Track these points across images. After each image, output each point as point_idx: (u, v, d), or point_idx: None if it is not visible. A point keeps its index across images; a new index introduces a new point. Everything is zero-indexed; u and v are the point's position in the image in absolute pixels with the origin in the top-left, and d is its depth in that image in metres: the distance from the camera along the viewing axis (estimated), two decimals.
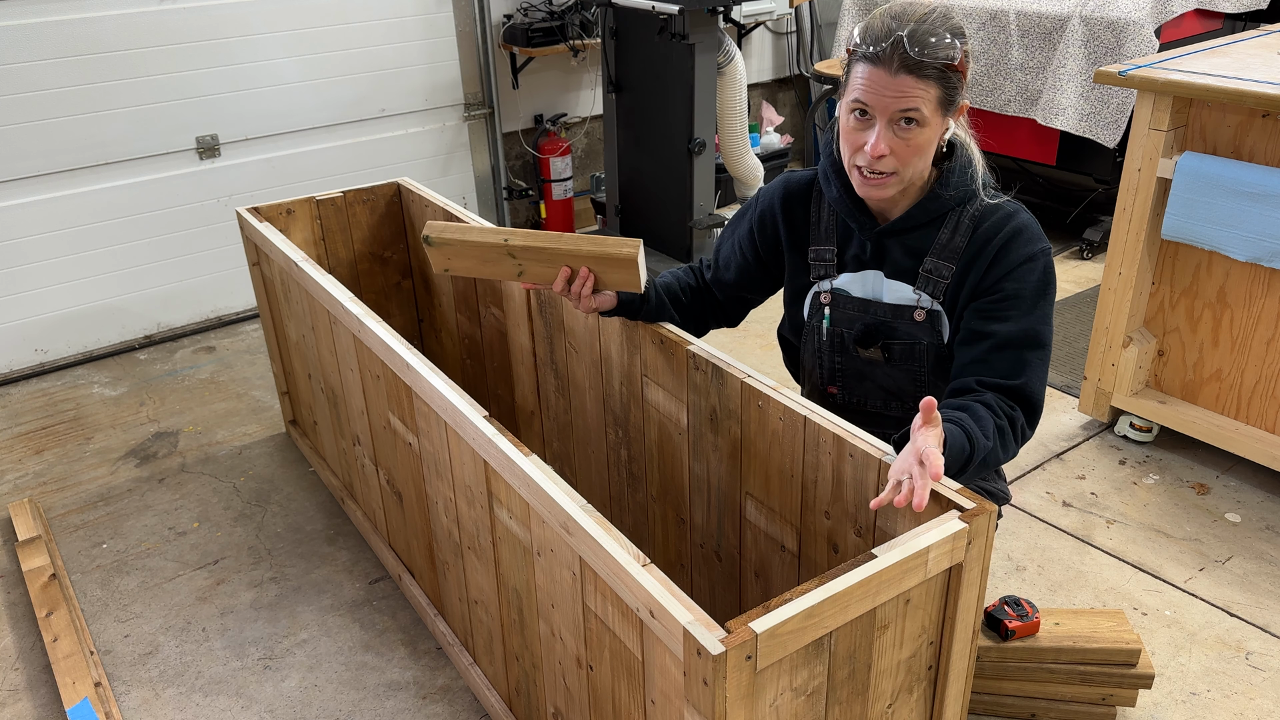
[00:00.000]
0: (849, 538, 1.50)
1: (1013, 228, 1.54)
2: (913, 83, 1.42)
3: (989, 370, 1.51)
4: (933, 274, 1.58)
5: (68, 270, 3.40)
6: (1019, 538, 2.41)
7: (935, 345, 1.62)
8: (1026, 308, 1.52)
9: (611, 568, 1.26)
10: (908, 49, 1.41)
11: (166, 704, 2.02)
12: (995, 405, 1.47)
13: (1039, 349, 1.52)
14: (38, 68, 3.15)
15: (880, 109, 1.45)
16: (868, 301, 1.65)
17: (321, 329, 2.29)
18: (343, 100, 3.77)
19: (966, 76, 1.48)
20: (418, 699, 2.01)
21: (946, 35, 1.42)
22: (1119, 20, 3.43)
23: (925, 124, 1.45)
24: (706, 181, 3.88)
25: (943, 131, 1.49)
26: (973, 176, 1.57)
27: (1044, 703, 1.87)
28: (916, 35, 1.41)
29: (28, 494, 2.72)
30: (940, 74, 1.43)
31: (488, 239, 1.69)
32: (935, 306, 1.60)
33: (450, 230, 1.71)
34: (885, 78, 1.43)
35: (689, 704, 1.16)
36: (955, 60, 1.43)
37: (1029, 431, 1.52)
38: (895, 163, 1.48)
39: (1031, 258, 1.53)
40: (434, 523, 1.95)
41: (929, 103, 1.44)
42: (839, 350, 1.70)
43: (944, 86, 1.44)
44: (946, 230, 1.57)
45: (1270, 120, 2.31)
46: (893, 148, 1.47)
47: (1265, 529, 2.42)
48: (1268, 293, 2.42)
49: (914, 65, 1.42)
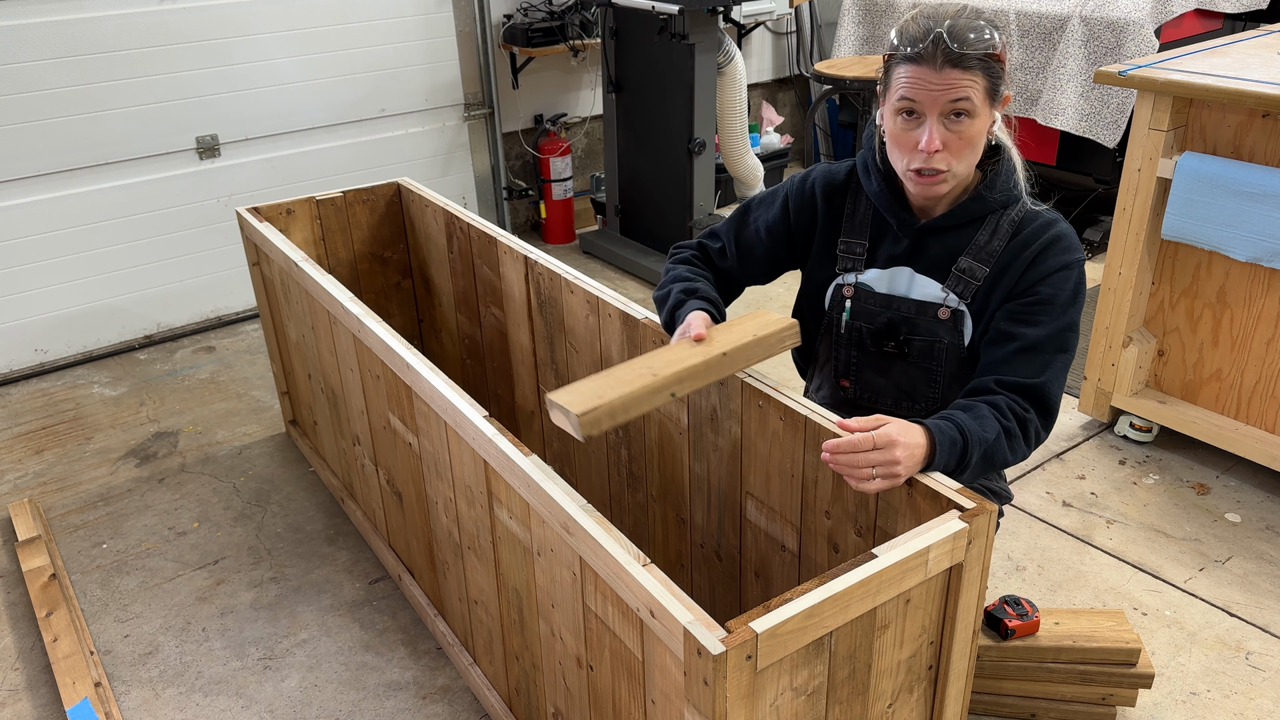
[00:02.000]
0: (849, 537, 1.50)
1: (1052, 235, 1.55)
2: (959, 75, 1.44)
3: (1011, 371, 1.51)
4: (965, 274, 1.58)
5: (68, 270, 3.40)
6: (1019, 538, 2.41)
7: (955, 345, 1.62)
8: (1057, 314, 1.53)
9: (611, 568, 1.26)
10: (949, 43, 1.43)
11: (166, 704, 2.02)
12: (1004, 406, 1.47)
13: (1063, 354, 1.53)
14: (38, 68, 3.15)
15: (929, 104, 1.46)
16: (892, 297, 1.65)
17: (321, 329, 2.29)
18: (343, 100, 3.77)
19: (1007, 66, 1.50)
20: (418, 699, 2.01)
21: (984, 26, 1.45)
22: (1119, 20, 3.43)
23: (975, 115, 1.47)
24: (706, 181, 3.88)
25: (990, 123, 1.51)
26: (1016, 182, 1.58)
27: (1044, 702, 1.87)
28: (956, 30, 1.44)
29: (28, 494, 2.72)
30: (984, 64, 1.45)
31: (650, 403, 1.42)
32: (961, 306, 1.60)
33: (601, 413, 1.37)
34: (931, 74, 1.45)
35: (689, 704, 1.16)
36: (996, 49, 1.45)
37: (1043, 434, 1.52)
38: (949, 157, 1.49)
39: (1068, 265, 1.54)
40: (434, 523, 1.95)
41: (978, 93, 1.46)
42: (856, 345, 1.69)
43: (989, 76, 1.46)
44: (985, 232, 1.58)
45: (1270, 120, 2.31)
46: (945, 142, 1.48)
47: (1265, 529, 2.42)
48: (1268, 293, 2.42)
49: (957, 58, 1.44)
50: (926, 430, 1.38)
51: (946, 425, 1.39)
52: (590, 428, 1.36)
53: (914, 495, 1.37)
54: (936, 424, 1.39)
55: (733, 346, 1.49)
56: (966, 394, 1.54)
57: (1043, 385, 1.50)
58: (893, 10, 4.14)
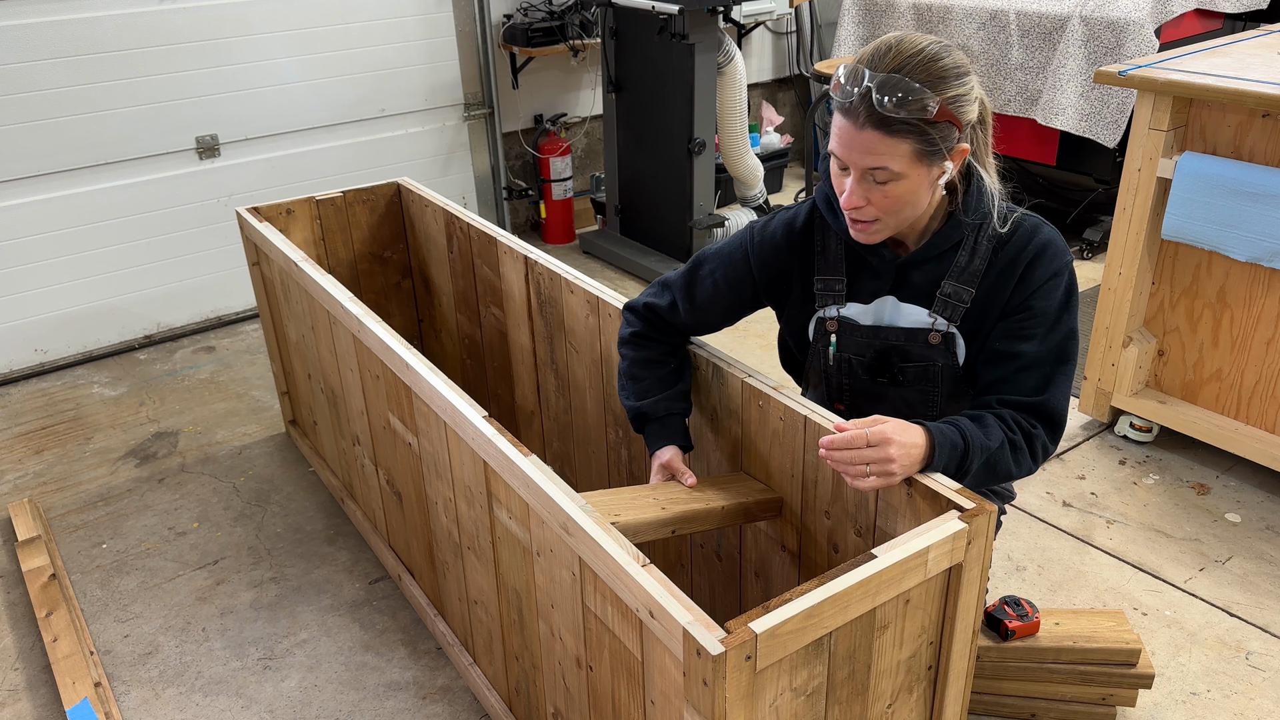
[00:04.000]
0: (849, 538, 1.50)
1: (1036, 245, 1.49)
2: (879, 139, 1.34)
3: (1013, 390, 1.48)
4: (951, 298, 1.52)
5: (68, 270, 3.40)
6: (1019, 538, 2.41)
7: (950, 367, 1.57)
8: (1051, 324, 1.48)
9: (611, 568, 1.26)
10: (874, 102, 1.32)
11: (166, 704, 2.02)
12: (1009, 420, 1.45)
13: (1064, 364, 1.49)
14: (38, 68, 3.15)
15: (850, 163, 1.39)
16: (879, 328, 1.58)
17: (321, 329, 2.29)
18: (343, 100, 3.77)
19: (961, 120, 1.37)
20: (417, 699, 2.01)
21: (923, 85, 1.32)
22: (1119, 20, 3.43)
23: (899, 178, 1.37)
24: (706, 181, 3.88)
25: (934, 178, 1.40)
26: (989, 201, 1.51)
27: (1044, 703, 1.87)
28: (886, 86, 1.31)
29: (28, 494, 2.72)
30: (912, 128, 1.33)
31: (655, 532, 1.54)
32: (951, 329, 1.54)
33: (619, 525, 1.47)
34: (853, 131, 1.35)
35: (689, 704, 1.16)
36: (930, 114, 1.32)
37: (1051, 447, 1.49)
38: (875, 211, 1.42)
39: (1056, 273, 1.49)
40: (434, 523, 1.95)
41: (900, 159, 1.35)
42: (846, 374, 1.64)
43: (920, 140, 1.34)
44: (964, 253, 1.51)
45: (1270, 120, 2.31)
46: (870, 199, 1.40)
47: (1265, 529, 2.42)
48: (1268, 293, 2.42)
49: (880, 120, 1.32)
50: (926, 431, 1.36)
51: (949, 429, 1.38)
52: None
53: (914, 495, 1.37)
54: (938, 426, 1.37)
55: (731, 503, 1.59)
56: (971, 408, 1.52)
57: (1047, 401, 1.47)
58: (893, 10, 4.14)
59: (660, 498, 1.57)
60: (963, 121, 1.38)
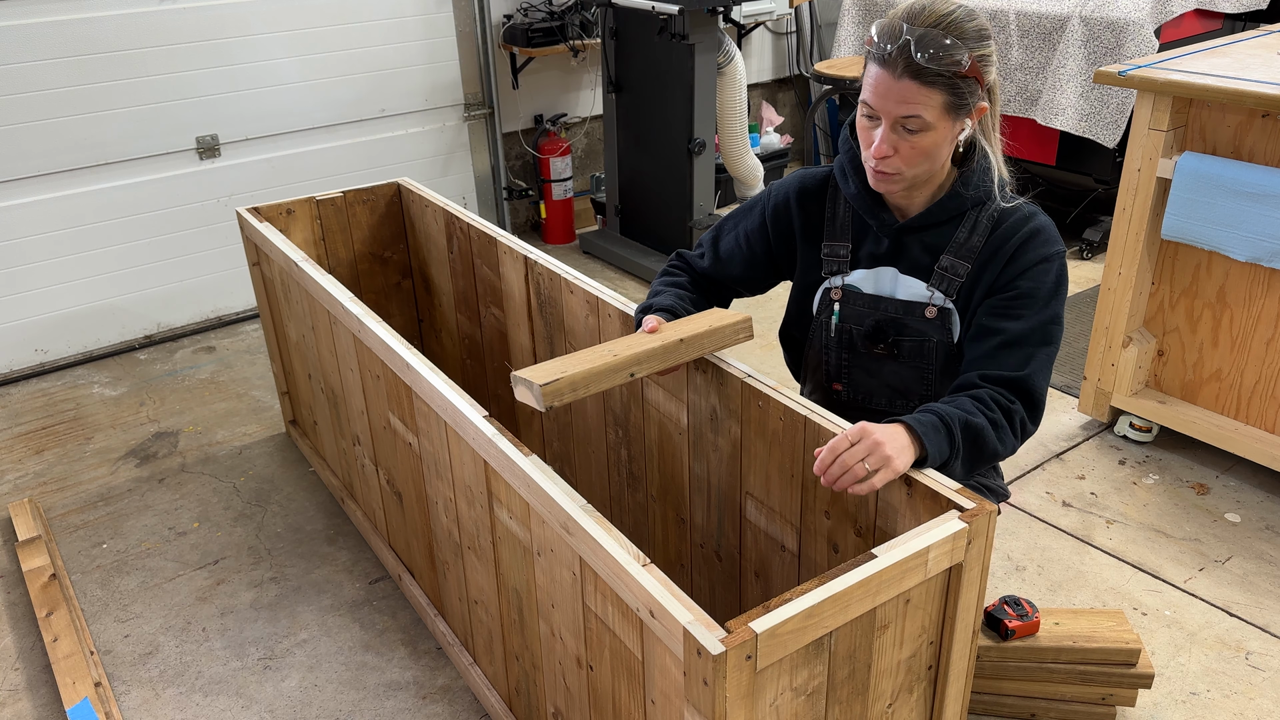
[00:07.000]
0: (849, 537, 1.50)
1: (1030, 229, 1.55)
2: (915, 89, 1.42)
3: (995, 365, 1.52)
4: (948, 272, 1.59)
5: (68, 270, 3.40)
6: (1019, 538, 2.41)
7: (945, 343, 1.62)
8: (1039, 307, 1.53)
9: (611, 568, 1.26)
10: (913, 54, 1.40)
11: (166, 704, 2.02)
12: (988, 399, 1.47)
13: (1047, 346, 1.53)
14: (38, 68, 3.15)
15: (884, 112, 1.46)
16: (879, 298, 1.65)
17: (321, 329, 2.29)
18: (343, 100, 3.77)
19: (985, 79, 1.47)
20: (418, 699, 2.01)
21: (957, 40, 1.41)
22: (1119, 20, 3.43)
23: (929, 129, 1.45)
24: (706, 181, 3.88)
25: (956, 133, 1.49)
26: (991, 179, 1.57)
27: (1044, 703, 1.87)
28: (924, 40, 1.40)
29: (28, 494, 2.72)
30: (946, 81, 1.42)
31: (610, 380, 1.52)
32: (947, 304, 1.60)
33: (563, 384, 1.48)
34: (890, 81, 1.43)
35: (689, 704, 1.16)
36: (962, 68, 1.41)
37: (1030, 426, 1.52)
38: (900, 163, 1.49)
39: (1047, 259, 1.54)
40: (434, 523, 1.95)
41: (932, 109, 1.43)
42: (846, 347, 1.70)
43: (950, 92, 1.43)
44: (964, 229, 1.58)
45: (1270, 120, 2.31)
46: (897, 149, 1.48)
47: (1265, 529, 2.42)
48: (1268, 293, 2.42)
49: (917, 71, 1.41)
50: (899, 420, 1.39)
51: (921, 415, 1.41)
52: (552, 398, 1.46)
53: (914, 495, 1.37)
54: (911, 417, 1.40)
55: (689, 334, 1.60)
56: (952, 390, 1.54)
57: (1027, 377, 1.50)
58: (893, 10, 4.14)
59: (615, 348, 1.55)
60: (986, 81, 1.48)
